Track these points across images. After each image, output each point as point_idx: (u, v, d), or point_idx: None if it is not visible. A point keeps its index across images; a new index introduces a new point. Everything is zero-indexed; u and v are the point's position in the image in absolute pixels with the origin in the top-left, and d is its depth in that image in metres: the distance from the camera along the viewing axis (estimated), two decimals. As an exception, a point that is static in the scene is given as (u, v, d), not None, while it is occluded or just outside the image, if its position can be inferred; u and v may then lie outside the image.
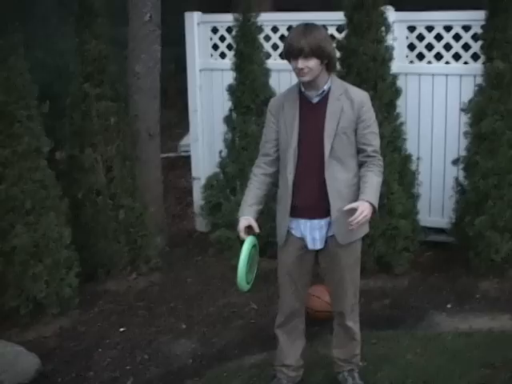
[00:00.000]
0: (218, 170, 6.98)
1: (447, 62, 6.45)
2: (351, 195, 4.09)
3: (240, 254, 4.04)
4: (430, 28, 6.42)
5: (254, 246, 4.17)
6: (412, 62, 6.56)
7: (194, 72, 7.27)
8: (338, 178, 4.08)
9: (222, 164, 6.90)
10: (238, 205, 4.33)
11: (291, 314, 4.41)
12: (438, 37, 6.41)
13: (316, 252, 4.26)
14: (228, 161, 6.80)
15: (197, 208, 7.42)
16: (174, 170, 9.28)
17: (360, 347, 4.55)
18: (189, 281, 6.42)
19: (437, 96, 6.49)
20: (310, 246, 4.21)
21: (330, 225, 4.13)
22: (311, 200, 4.12)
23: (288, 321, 4.43)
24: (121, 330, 5.58)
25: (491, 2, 5.90)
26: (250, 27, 6.60)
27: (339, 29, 6.52)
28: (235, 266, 4.05)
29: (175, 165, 9.47)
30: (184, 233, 7.59)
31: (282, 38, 6.79)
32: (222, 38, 7.16)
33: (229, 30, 6.98)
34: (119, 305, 6.00)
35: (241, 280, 4.05)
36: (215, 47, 7.24)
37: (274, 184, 4.30)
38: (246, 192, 4.28)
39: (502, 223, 5.87)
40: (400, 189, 6.12)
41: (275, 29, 6.96)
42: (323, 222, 4.15)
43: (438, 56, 6.47)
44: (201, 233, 7.41)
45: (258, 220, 4.20)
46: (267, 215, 5.15)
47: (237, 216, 4.24)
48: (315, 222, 4.15)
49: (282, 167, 4.19)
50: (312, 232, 4.18)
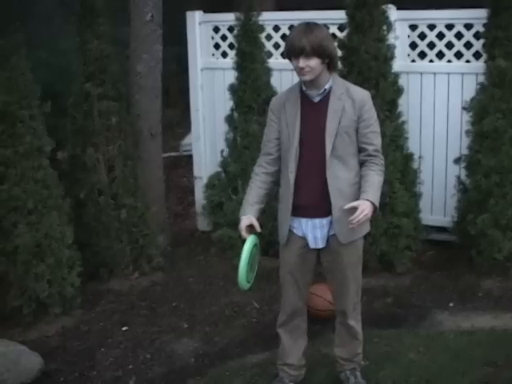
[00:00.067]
0: (220, 170, 6.99)
1: (449, 61, 6.45)
2: (353, 194, 4.09)
3: (241, 253, 4.04)
4: (432, 26, 6.42)
5: (256, 245, 4.17)
6: (414, 61, 6.56)
7: (196, 71, 7.27)
8: (340, 177, 4.07)
9: (224, 163, 6.90)
10: (240, 204, 4.32)
11: (293, 313, 4.41)
12: (440, 35, 6.41)
13: (318, 251, 4.26)
14: (230, 160, 6.80)
15: (199, 207, 7.42)
16: (176, 170, 9.30)
17: (362, 346, 4.55)
18: (191, 280, 6.42)
19: (439, 94, 6.49)
20: (312, 245, 4.21)
21: (332, 224, 4.13)
22: (313, 199, 4.12)
23: (290, 320, 4.43)
24: (123, 330, 5.58)
25: (493, 1, 5.89)
26: (252, 26, 6.60)
27: (341, 28, 6.51)
28: (237, 265, 4.05)
29: (177, 164, 9.48)
30: (186, 232, 7.59)
31: (284, 37, 6.78)
32: (224, 37, 7.16)
33: (230, 30, 6.98)
34: (121, 304, 6.00)
35: (241, 279, 4.06)
36: (217, 46, 7.24)
37: (276, 183, 4.30)
38: (248, 191, 4.28)
39: (505, 222, 5.86)
40: (402, 187, 6.12)
41: (277, 28, 6.96)
42: (325, 221, 4.14)
43: (440, 54, 6.47)
44: (203, 232, 7.41)
45: (260, 219, 4.20)
46: (269, 214, 5.16)
47: (238, 215, 4.24)
48: (317, 221, 4.15)
49: (284, 166, 4.19)
50: (313, 231, 4.18)
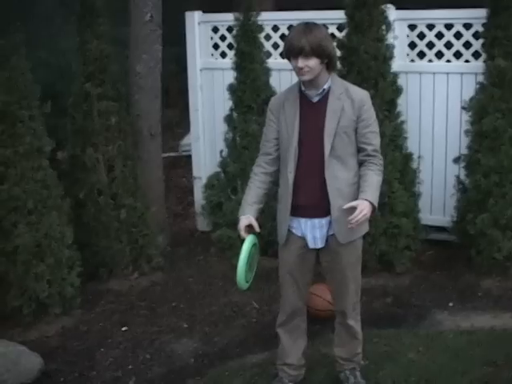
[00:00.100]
0: (219, 170, 6.99)
1: (448, 61, 6.45)
2: (352, 194, 4.09)
3: (240, 253, 4.05)
4: (431, 26, 6.42)
5: (255, 245, 4.17)
6: (413, 61, 6.57)
7: (195, 71, 7.27)
8: (339, 177, 4.08)
9: (223, 163, 6.90)
10: (239, 204, 4.32)
11: (293, 313, 4.41)
12: (439, 35, 6.41)
13: (317, 251, 4.26)
14: (229, 160, 6.80)
15: (198, 207, 7.42)
16: (176, 170, 9.30)
17: (362, 346, 4.55)
18: (190, 280, 6.42)
19: (438, 94, 6.49)
20: (311, 245, 4.21)
21: (331, 224, 4.14)
22: (312, 199, 4.12)
23: (290, 320, 4.43)
24: (123, 330, 5.58)
25: (493, 0, 5.89)
26: (251, 26, 6.60)
27: (340, 27, 6.52)
28: (236, 265, 4.05)
29: (176, 164, 9.49)
30: (186, 232, 7.59)
31: (283, 37, 6.79)
32: (223, 38, 7.16)
33: (229, 30, 6.98)
34: (121, 304, 6.00)
35: (240, 279, 4.06)
36: (216, 47, 7.24)
37: (275, 183, 4.30)
38: (247, 191, 4.28)
39: (504, 221, 5.86)
40: (401, 187, 6.12)
41: (276, 28, 6.97)
42: (324, 221, 4.15)
43: (439, 54, 6.47)
44: (202, 232, 7.42)
45: (259, 219, 4.21)
46: (268, 214, 5.17)
47: (238, 215, 4.24)
48: (316, 221, 4.15)
49: (283, 166, 4.19)
50: (313, 231, 4.18)
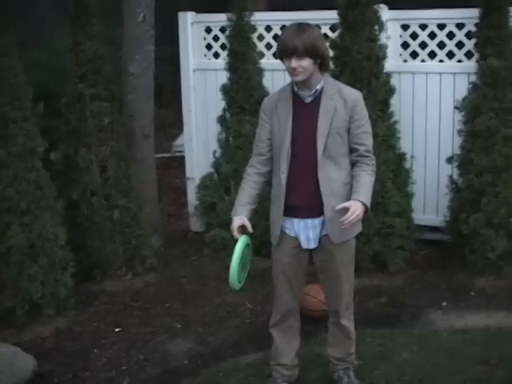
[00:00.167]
0: (213, 170, 6.99)
1: (441, 61, 6.46)
2: (345, 194, 4.09)
3: (233, 253, 4.05)
4: (424, 26, 6.44)
5: (248, 246, 4.17)
6: (406, 61, 6.58)
7: (188, 72, 7.27)
8: (332, 177, 4.08)
9: (216, 164, 6.90)
10: (233, 204, 4.32)
11: (286, 313, 4.41)
12: (432, 35, 6.42)
13: (310, 251, 4.26)
14: (222, 161, 6.80)
15: (191, 208, 7.42)
16: (169, 170, 9.29)
17: (355, 346, 4.56)
18: (184, 281, 6.42)
19: (430, 94, 6.51)
20: (304, 246, 4.21)
21: (324, 224, 4.14)
22: (305, 199, 4.12)
23: (283, 320, 4.43)
24: (116, 331, 5.58)
25: (485, 0, 5.90)
26: (244, 27, 6.60)
27: (333, 28, 6.53)
28: (229, 266, 4.05)
29: (170, 165, 9.48)
30: (179, 233, 7.59)
31: (276, 38, 6.79)
32: (216, 38, 7.16)
33: (222, 30, 6.98)
34: (115, 305, 5.99)
35: (232, 279, 4.06)
36: (209, 47, 7.24)
37: (268, 183, 4.30)
38: (240, 191, 4.28)
39: (497, 220, 5.87)
40: (394, 187, 6.13)
41: (269, 28, 6.97)
42: (317, 222, 4.15)
43: (432, 54, 6.48)
44: (196, 233, 7.42)
45: (252, 219, 4.21)
46: (261, 214, 5.16)
47: (231, 215, 4.24)
48: (309, 222, 4.16)
49: (276, 166, 4.19)
50: (306, 231, 4.18)
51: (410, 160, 6.44)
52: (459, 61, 6.39)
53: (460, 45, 6.35)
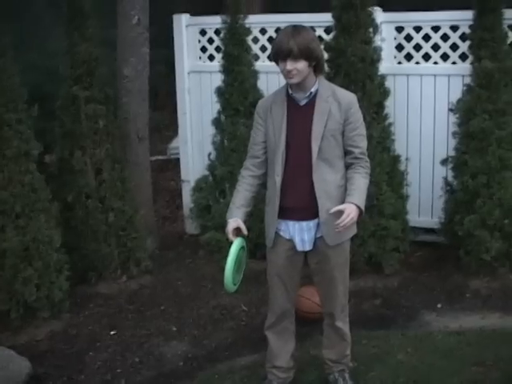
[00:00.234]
0: (207, 173, 6.98)
1: (435, 63, 6.47)
2: (339, 196, 4.09)
3: (228, 256, 4.04)
4: (418, 28, 6.44)
5: (243, 248, 4.17)
6: (400, 63, 6.58)
7: (183, 74, 7.27)
8: (327, 180, 4.08)
9: (211, 166, 6.90)
10: (228, 207, 4.32)
11: (282, 315, 4.41)
12: (426, 37, 6.43)
13: (305, 253, 4.26)
14: (217, 163, 6.80)
15: (186, 210, 7.42)
16: (164, 173, 9.29)
17: (350, 348, 4.56)
18: (179, 283, 6.41)
19: (425, 96, 6.51)
20: (299, 248, 4.21)
21: (319, 226, 4.14)
22: (299, 202, 4.12)
23: (278, 322, 4.43)
24: (112, 333, 5.57)
25: (479, 2, 5.91)
26: (238, 29, 6.60)
27: (327, 30, 6.53)
28: (224, 268, 4.04)
29: (165, 167, 9.48)
30: (174, 235, 7.59)
31: (270, 40, 6.79)
32: (211, 41, 7.17)
33: (217, 32, 6.99)
34: (110, 308, 5.99)
35: (227, 281, 4.06)
36: (203, 49, 7.24)
37: (263, 186, 4.30)
38: (235, 194, 4.27)
39: (492, 222, 5.88)
40: (389, 189, 6.13)
41: (263, 30, 6.97)
42: (312, 224, 4.15)
43: (426, 56, 6.49)
44: (191, 235, 7.41)
45: (247, 222, 4.21)
46: (256, 217, 5.16)
47: (226, 218, 4.24)
48: (304, 224, 4.16)
49: (270, 169, 4.18)
50: (301, 233, 4.18)
51: (405, 162, 6.45)
52: (454, 63, 6.40)
53: (454, 47, 6.36)
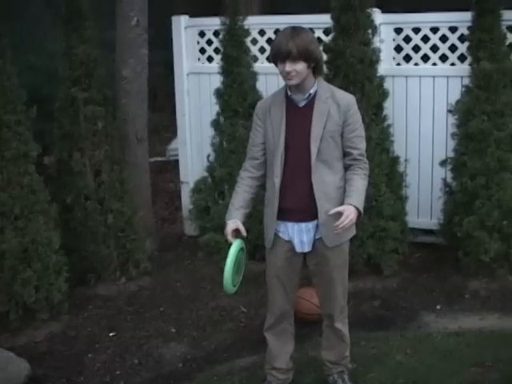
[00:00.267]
0: (207, 174, 6.98)
1: (434, 64, 6.47)
2: (338, 198, 4.09)
3: (227, 257, 4.04)
4: (417, 30, 6.45)
5: (242, 249, 4.17)
6: (399, 64, 6.59)
7: (182, 76, 7.27)
8: (325, 181, 4.08)
9: (210, 168, 6.90)
10: (227, 208, 4.32)
11: (281, 316, 4.41)
12: (425, 38, 6.43)
13: (304, 254, 4.26)
14: (216, 165, 6.80)
15: (185, 212, 7.41)
16: (163, 174, 9.29)
17: (349, 349, 4.56)
18: (178, 285, 6.41)
19: (424, 97, 6.51)
20: (298, 249, 4.21)
21: (318, 227, 4.14)
22: (298, 203, 4.12)
23: (277, 323, 4.43)
24: (111, 335, 5.57)
25: (478, 3, 5.91)
26: (237, 31, 6.61)
27: (326, 31, 6.53)
28: (223, 269, 4.04)
29: (164, 169, 9.48)
30: (173, 237, 7.59)
31: (269, 41, 6.79)
32: (209, 42, 7.16)
33: (216, 34, 6.98)
34: (109, 309, 5.98)
35: (227, 283, 4.06)
36: (202, 51, 7.24)
37: (262, 187, 4.30)
38: (234, 195, 4.27)
39: (491, 223, 5.88)
40: (388, 191, 6.13)
41: (262, 32, 6.97)
42: (311, 225, 4.15)
43: (425, 58, 6.49)
44: (190, 236, 7.41)
45: (246, 223, 4.21)
46: (255, 218, 5.16)
47: (225, 219, 4.24)
48: (303, 225, 4.16)
49: (269, 170, 4.19)
50: (300, 235, 4.18)
51: (404, 163, 6.44)
52: (452, 64, 6.40)
53: (453, 48, 6.36)
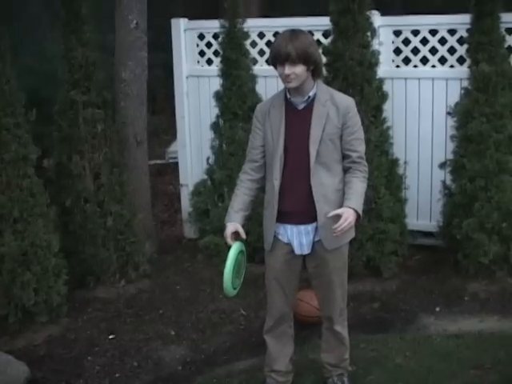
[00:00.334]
0: (206, 177, 6.98)
1: (433, 66, 6.48)
2: (337, 200, 4.09)
3: (226, 260, 4.04)
4: (416, 32, 6.45)
5: (242, 252, 4.17)
6: (398, 67, 6.59)
7: (181, 79, 7.27)
8: (324, 184, 4.08)
9: (210, 170, 6.90)
10: (226, 211, 4.32)
11: (280, 319, 4.41)
12: (424, 41, 6.44)
13: (303, 257, 4.26)
14: (215, 167, 6.80)
15: (185, 214, 7.42)
16: (163, 177, 9.29)
17: (349, 351, 4.56)
18: (178, 287, 6.41)
19: (423, 100, 6.52)
20: (297, 251, 4.21)
21: (317, 230, 4.14)
22: (298, 205, 4.12)
23: (277, 325, 4.43)
24: (110, 338, 5.56)
25: (476, 6, 5.93)
26: (237, 33, 6.61)
27: (325, 34, 6.53)
28: (223, 272, 4.04)
29: (163, 171, 9.48)
30: (173, 239, 7.59)
31: (269, 44, 6.80)
32: (209, 45, 7.17)
33: (215, 37, 6.99)
34: (108, 312, 5.98)
35: (227, 285, 4.06)
36: (202, 53, 7.24)
37: (261, 189, 4.30)
38: (233, 198, 4.28)
39: (490, 225, 5.88)
40: (387, 193, 6.14)
41: (261, 35, 6.97)
42: (310, 228, 4.15)
43: (424, 60, 6.50)
44: (189, 239, 7.41)
45: (246, 226, 4.21)
46: (255, 221, 5.16)
47: (224, 222, 4.24)
48: (302, 228, 4.16)
49: (269, 173, 4.19)
50: (299, 237, 4.18)
51: (403, 165, 6.45)
52: (451, 66, 6.41)
53: (452, 50, 6.37)
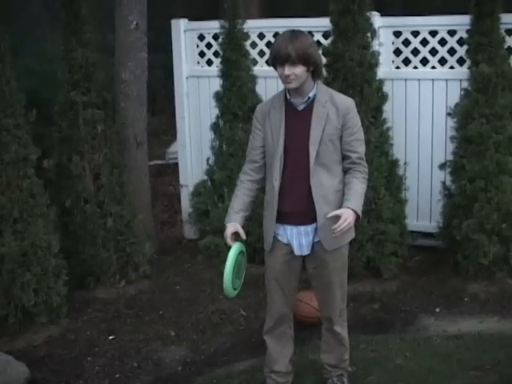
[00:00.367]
0: (206, 178, 6.98)
1: (433, 67, 6.48)
2: (337, 201, 4.09)
3: (226, 261, 4.04)
4: (416, 33, 6.45)
5: (242, 253, 4.17)
6: (398, 67, 6.59)
7: (181, 79, 7.27)
8: (324, 184, 4.08)
9: (210, 171, 6.90)
10: (226, 212, 4.32)
11: (280, 319, 4.41)
12: (424, 42, 6.43)
13: (303, 257, 4.27)
14: (215, 168, 6.80)
15: (185, 215, 7.42)
16: (163, 177, 9.29)
17: (349, 352, 4.55)
18: (178, 288, 6.41)
19: (423, 101, 6.52)
20: (297, 252, 4.22)
21: (317, 231, 4.14)
22: (297, 206, 4.12)
23: (276, 326, 4.43)
24: (110, 338, 5.56)
25: (476, 6, 5.92)
26: (237, 34, 6.61)
27: (325, 35, 6.53)
28: (223, 273, 4.04)
29: (163, 172, 9.48)
30: (173, 240, 7.59)
31: (269, 45, 6.80)
32: (209, 45, 7.17)
33: (215, 37, 6.99)
34: (108, 312, 5.98)
35: (227, 286, 4.06)
36: (202, 54, 7.24)
37: (261, 190, 4.30)
38: (233, 198, 4.28)
39: (490, 226, 5.88)
40: (387, 194, 6.14)
41: (261, 35, 6.98)
42: (310, 228, 4.15)
43: (424, 61, 6.50)
44: (189, 240, 7.41)
45: (246, 226, 4.21)
46: (255, 221, 5.16)
47: (224, 223, 4.24)
48: (302, 228, 4.16)
49: (269, 173, 4.19)
50: (298, 238, 4.18)
51: (403, 166, 6.45)
52: (451, 67, 6.41)
53: (452, 51, 6.37)
